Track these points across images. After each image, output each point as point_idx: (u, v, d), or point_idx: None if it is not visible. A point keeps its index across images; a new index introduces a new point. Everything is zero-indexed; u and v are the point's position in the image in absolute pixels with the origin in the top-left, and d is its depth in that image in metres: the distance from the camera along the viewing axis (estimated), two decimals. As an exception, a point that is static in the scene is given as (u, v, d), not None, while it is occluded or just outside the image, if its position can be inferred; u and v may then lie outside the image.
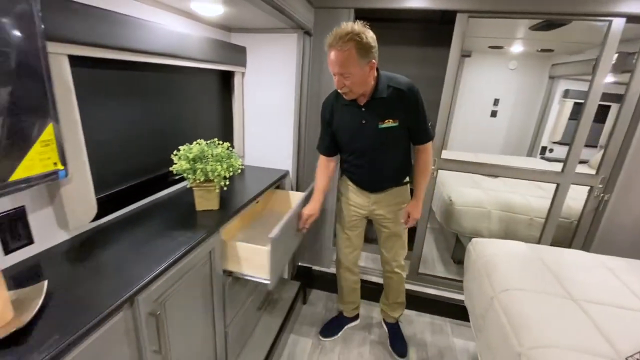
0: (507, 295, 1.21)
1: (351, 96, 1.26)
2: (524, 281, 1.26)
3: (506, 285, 1.26)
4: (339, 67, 1.16)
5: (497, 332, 1.15)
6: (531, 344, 0.98)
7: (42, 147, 0.76)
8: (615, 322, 1.05)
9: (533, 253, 1.50)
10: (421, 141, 1.42)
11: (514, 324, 1.08)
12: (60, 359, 0.59)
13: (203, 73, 1.55)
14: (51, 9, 0.75)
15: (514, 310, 1.13)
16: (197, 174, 1.11)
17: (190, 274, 0.98)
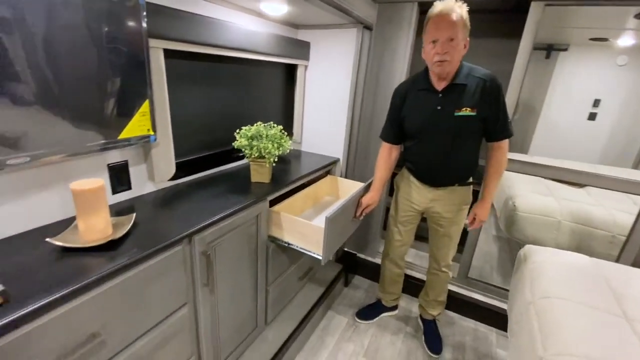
0: (546, 302, 1.14)
1: (445, 67, 1.22)
2: (569, 291, 1.17)
3: (548, 292, 1.18)
4: (449, 30, 1.16)
5: (526, 337, 1.10)
6: (556, 350, 0.93)
7: (140, 117, 1.02)
8: None
9: (595, 267, 1.35)
10: (498, 137, 1.34)
11: (545, 330, 1.03)
12: (135, 266, 0.82)
13: (270, 65, 1.76)
14: (153, 13, 1.01)
15: (548, 317, 1.07)
16: (252, 150, 1.31)
17: (239, 230, 1.19)
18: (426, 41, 1.22)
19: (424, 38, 1.23)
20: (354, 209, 1.53)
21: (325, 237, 1.25)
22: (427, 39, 1.22)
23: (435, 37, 1.19)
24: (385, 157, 1.55)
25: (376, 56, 1.89)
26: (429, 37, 1.21)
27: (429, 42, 1.21)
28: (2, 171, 0.83)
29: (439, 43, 1.19)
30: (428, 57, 1.24)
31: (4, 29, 0.72)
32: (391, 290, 1.89)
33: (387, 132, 1.52)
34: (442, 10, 1.17)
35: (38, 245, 0.83)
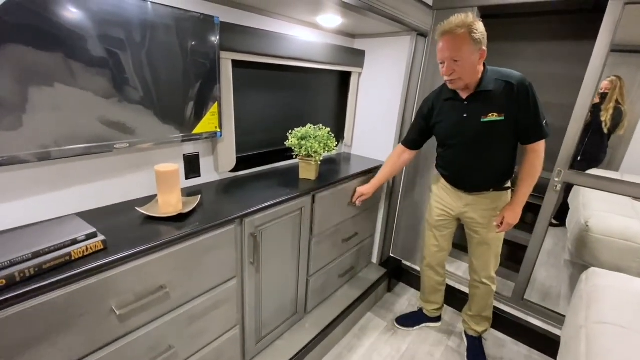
0: (599, 328, 1.04)
1: (458, 84, 1.26)
2: (628, 319, 1.04)
3: (603, 318, 1.08)
4: (450, 51, 1.19)
5: (571, 354, 1.02)
6: None
7: (210, 116, 1.23)
8: None
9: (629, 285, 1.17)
10: (531, 140, 1.30)
11: (591, 355, 0.95)
12: (196, 237, 1.00)
13: (326, 72, 1.90)
14: (224, 30, 1.21)
15: (598, 342, 0.99)
16: (301, 149, 1.45)
17: (284, 219, 1.32)
18: (438, 62, 1.27)
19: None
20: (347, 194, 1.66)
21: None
22: (438, 60, 1.26)
23: (441, 58, 1.24)
24: (394, 158, 1.64)
25: (431, 63, 1.89)
26: (438, 59, 1.26)
27: (439, 63, 1.26)
28: (111, 153, 1.09)
29: (445, 64, 1.23)
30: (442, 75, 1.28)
31: (119, 46, 0.96)
32: (432, 300, 1.85)
33: (407, 136, 1.61)
34: (443, 30, 1.19)
35: (130, 213, 1.06)
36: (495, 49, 2.37)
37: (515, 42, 2.29)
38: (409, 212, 2.20)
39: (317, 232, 1.54)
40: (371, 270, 2.13)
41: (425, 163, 2.04)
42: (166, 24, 1.04)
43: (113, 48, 0.95)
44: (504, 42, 2.35)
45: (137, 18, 0.97)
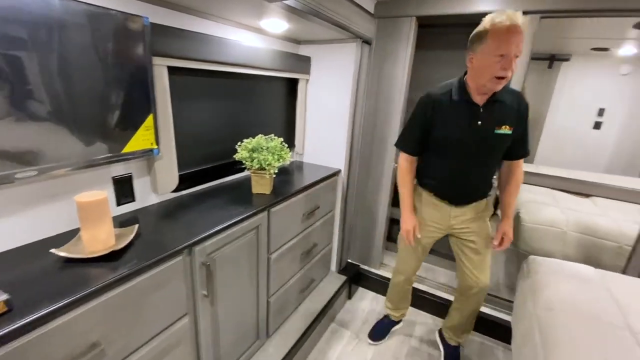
0: (549, 315, 1.12)
1: (502, 85, 1.16)
2: (574, 304, 1.15)
3: (551, 304, 1.16)
4: (517, 45, 1.08)
5: (530, 352, 1.08)
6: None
7: (144, 131, 1.06)
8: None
9: (600, 279, 1.33)
10: (520, 155, 1.34)
11: (548, 345, 1.01)
12: (136, 277, 0.84)
13: (272, 80, 1.81)
14: (157, 33, 1.06)
15: (550, 331, 1.05)
16: (253, 162, 1.34)
17: (239, 241, 1.20)
18: (489, 53, 1.10)
19: (484, 49, 1.12)
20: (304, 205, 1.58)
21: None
22: (492, 51, 1.10)
23: (506, 51, 1.08)
24: (408, 169, 1.42)
25: (376, 69, 1.93)
26: (495, 50, 1.09)
27: (494, 55, 1.09)
28: (12, 184, 0.86)
29: (507, 58, 1.09)
30: (487, 70, 1.13)
31: (20, 47, 0.76)
32: (402, 306, 1.84)
33: (409, 142, 1.38)
34: (514, 22, 1.06)
35: (43, 256, 0.85)
36: (433, 56, 2.53)
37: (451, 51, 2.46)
38: (364, 215, 2.21)
39: (275, 249, 1.45)
40: (331, 279, 2.09)
41: (378, 162, 2.07)
42: (79, 23, 0.86)
43: (10, 51, 0.75)
44: (441, 50, 2.51)
45: (40, 14, 0.79)
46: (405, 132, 1.40)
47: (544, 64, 3.51)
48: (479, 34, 1.14)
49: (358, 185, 2.15)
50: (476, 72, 1.18)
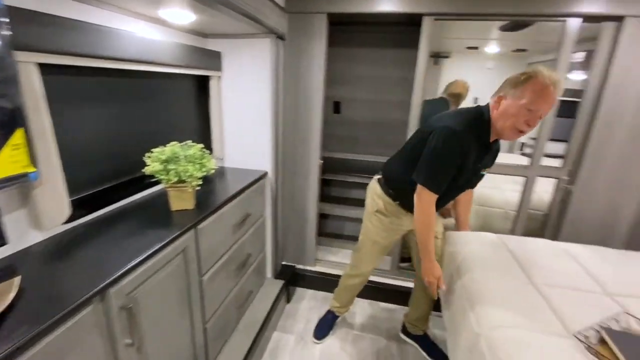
0: (471, 279, 1.27)
1: (518, 137, 1.17)
2: (488, 267, 1.33)
3: (470, 269, 1.33)
4: (549, 107, 1.08)
5: (460, 313, 1.21)
6: (489, 324, 1.04)
7: (12, 151, 0.80)
8: (569, 303, 1.12)
9: (501, 243, 1.57)
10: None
11: (475, 306, 1.15)
12: (27, 350, 0.63)
13: (178, 77, 1.60)
14: (19, 20, 0.80)
15: (475, 292, 1.20)
16: (169, 175, 1.15)
17: (165, 270, 1.02)
18: (522, 105, 1.07)
19: (518, 95, 1.08)
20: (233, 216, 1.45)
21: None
22: (526, 104, 1.07)
23: (539, 109, 1.07)
24: (434, 213, 1.28)
25: (292, 66, 1.88)
26: (530, 104, 1.06)
27: (526, 108, 1.07)
28: None
29: (535, 116, 1.08)
30: (512, 118, 1.10)
31: None
32: (351, 302, 1.87)
33: (443, 183, 1.22)
34: (556, 84, 1.04)
35: None
36: (344, 54, 2.61)
37: (360, 48, 2.58)
38: (295, 215, 2.18)
39: (207, 270, 1.29)
40: (268, 287, 2.00)
41: (304, 159, 2.05)
42: None
43: None
44: (352, 47, 2.61)
45: None
46: (438, 171, 1.20)
47: (431, 61, 4.00)
48: (519, 79, 1.09)
49: (286, 186, 2.10)
50: (501, 116, 1.14)
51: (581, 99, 1.79)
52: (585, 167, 1.77)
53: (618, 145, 1.73)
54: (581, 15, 1.61)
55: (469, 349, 1.08)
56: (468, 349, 1.09)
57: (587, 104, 1.75)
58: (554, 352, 0.90)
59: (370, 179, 1.61)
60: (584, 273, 1.33)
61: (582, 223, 1.86)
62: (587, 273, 1.33)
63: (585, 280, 1.28)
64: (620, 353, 0.88)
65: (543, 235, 2.05)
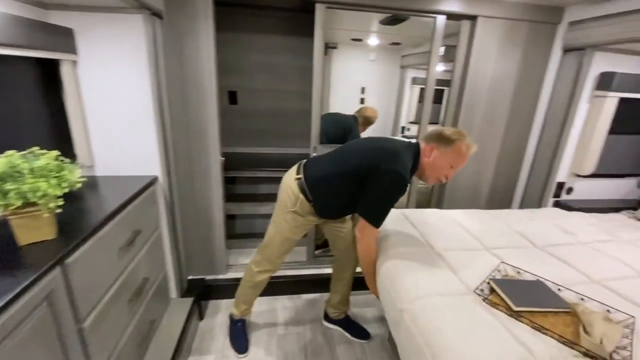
0: (386, 259, 1.35)
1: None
2: (399, 243, 1.43)
3: (386, 248, 1.41)
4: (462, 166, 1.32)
5: (384, 294, 1.27)
6: (408, 299, 1.11)
7: None
8: (464, 264, 1.29)
9: (404, 217, 1.72)
10: None
11: (394, 284, 1.22)
12: None
13: (9, 62, 1.16)
14: None
15: (392, 271, 1.28)
16: (8, 199, 0.82)
17: (21, 329, 0.73)
18: (448, 162, 1.28)
19: (447, 154, 1.27)
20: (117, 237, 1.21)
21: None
22: (451, 162, 1.28)
23: (458, 166, 1.30)
24: (375, 246, 1.44)
25: (175, 52, 1.61)
26: (454, 162, 1.28)
27: (450, 165, 1.29)
28: None
29: (455, 171, 1.31)
30: (438, 172, 1.31)
31: None
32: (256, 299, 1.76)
33: (384, 220, 1.33)
34: (472, 147, 1.28)
35: None
36: (231, 40, 2.40)
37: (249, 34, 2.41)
38: (198, 221, 1.93)
39: (88, 313, 1.00)
40: (175, 309, 1.73)
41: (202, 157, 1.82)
42: None
43: None
44: (244, 33, 2.41)
45: None
46: (385, 211, 1.31)
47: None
48: (450, 138, 1.27)
49: (183, 190, 1.83)
50: (431, 166, 1.31)
51: (449, 87, 2.09)
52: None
53: (477, 126, 2.09)
54: (446, 13, 1.85)
55: (395, 324, 1.14)
56: (395, 324, 1.15)
57: (455, 91, 2.06)
58: (462, 310, 1.02)
59: (278, 172, 1.55)
60: (468, 234, 1.57)
61: (457, 191, 2.21)
62: (469, 234, 1.57)
63: (470, 241, 1.51)
64: (505, 295, 1.05)
65: (430, 205, 2.37)
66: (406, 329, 1.05)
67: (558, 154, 2.02)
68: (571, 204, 2.08)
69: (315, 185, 1.40)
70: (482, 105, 2.05)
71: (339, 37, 3.71)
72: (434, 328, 0.95)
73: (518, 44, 1.95)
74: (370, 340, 1.80)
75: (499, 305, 1.03)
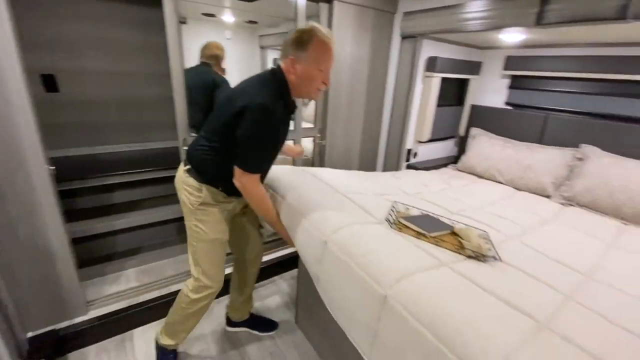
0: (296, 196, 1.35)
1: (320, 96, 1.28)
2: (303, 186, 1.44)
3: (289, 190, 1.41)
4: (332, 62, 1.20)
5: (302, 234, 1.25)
6: (330, 229, 1.15)
7: None
8: (366, 203, 1.38)
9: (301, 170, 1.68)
10: None
11: (309, 215, 1.24)
12: None
13: None
14: None
15: (304, 205, 1.29)
16: None
17: None
18: (314, 67, 1.14)
19: (309, 60, 1.12)
20: None
21: None
22: (317, 66, 1.14)
23: (327, 67, 1.17)
24: (263, 190, 1.27)
25: None
26: (320, 65, 1.14)
27: (318, 69, 1.15)
28: None
29: (327, 73, 1.18)
30: (313, 83, 1.17)
31: None
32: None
33: (264, 164, 1.26)
34: (332, 37, 1.14)
35: None
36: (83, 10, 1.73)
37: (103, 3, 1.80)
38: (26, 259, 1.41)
39: None
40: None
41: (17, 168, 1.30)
42: None
43: None
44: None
45: None
46: (261, 153, 1.18)
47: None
48: (301, 39, 1.11)
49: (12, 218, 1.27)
50: (301, 81, 1.16)
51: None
52: (329, 126, 2.22)
53: (344, 104, 2.26)
54: (304, -7, 1.85)
55: (318, 260, 1.16)
56: (316, 261, 1.16)
57: (322, 72, 2.14)
58: (381, 234, 1.16)
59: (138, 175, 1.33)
60: (360, 184, 1.66)
61: (333, 163, 2.37)
62: (361, 184, 1.67)
63: (365, 188, 1.60)
64: (414, 226, 1.22)
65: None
66: (333, 259, 1.08)
67: (405, 126, 2.42)
68: (417, 166, 2.56)
69: (202, 160, 1.22)
70: (346, 84, 2.21)
71: (187, 10, 3.26)
72: (361, 250, 1.04)
73: (368, 29, 2.16)
74: (279, 329, 1.78)
75: (408, 229, 1.22)
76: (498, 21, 1.68)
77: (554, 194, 2.01)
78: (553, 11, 1.46)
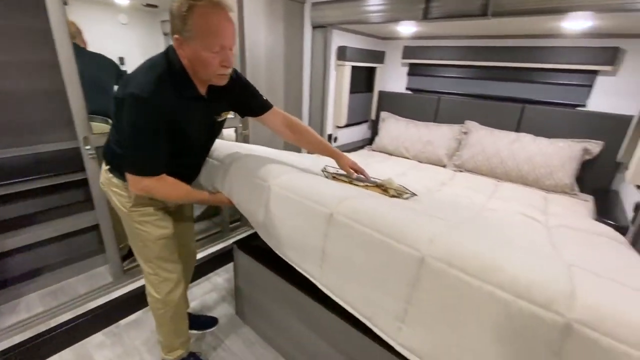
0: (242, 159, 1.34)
1: (227, 79, 1.05)
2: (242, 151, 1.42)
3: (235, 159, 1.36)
4: (234, 36, 0.97)
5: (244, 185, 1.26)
6: (274, 175, 1.21)
7: None
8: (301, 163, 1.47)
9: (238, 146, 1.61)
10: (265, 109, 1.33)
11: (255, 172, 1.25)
12: None
13: None
14: None
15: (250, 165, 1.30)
16: None
17: None
18: (205, 46, 0.92)
19: (194, 38, 0.90)
20: None
21: None
22: (205, 45, 0.91)
23: (223, 43, 0.93)
24: (174, 182, 1.08)
25: None
26: (209, 40, 0.91)
27: (209, 50, 0.92)
28: None
29: (225, 51, 0.95)
30: (208, 67, 0.96)
31: None
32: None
33: (158, 163, 1.02)
34: (220, 3, 0.90)
35: None
36: None
37: None
38: None
39: None
40: None
41: None
42: None
43: None
44: None
45: None
46: (146, 152, 0.98)
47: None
48: (181, 10, 0.88)
49: None
50: (195, 65, 0.98)
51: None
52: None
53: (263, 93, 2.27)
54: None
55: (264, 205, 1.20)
56: (263, 205, 1.20)
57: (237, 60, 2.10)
58: (319, 179, 1.28)
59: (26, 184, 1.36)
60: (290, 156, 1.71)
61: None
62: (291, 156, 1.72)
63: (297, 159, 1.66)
64: (340, 176, 1.43)
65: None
66: (278, 199, 1.14)
67: (324, 112, 2.56)
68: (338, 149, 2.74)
69: (120, 156, 1.08)
70: (263, 73, 2.22)
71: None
72: (304, 184, 1.14)
73: (280, 19, 2.20)
74: (219, 324, 1.76)
75: (341, 179, 1.42)
76: (394, 14, 1.90)
77: (448, 163, 2.40)
78: (436, 7, 1.72)
